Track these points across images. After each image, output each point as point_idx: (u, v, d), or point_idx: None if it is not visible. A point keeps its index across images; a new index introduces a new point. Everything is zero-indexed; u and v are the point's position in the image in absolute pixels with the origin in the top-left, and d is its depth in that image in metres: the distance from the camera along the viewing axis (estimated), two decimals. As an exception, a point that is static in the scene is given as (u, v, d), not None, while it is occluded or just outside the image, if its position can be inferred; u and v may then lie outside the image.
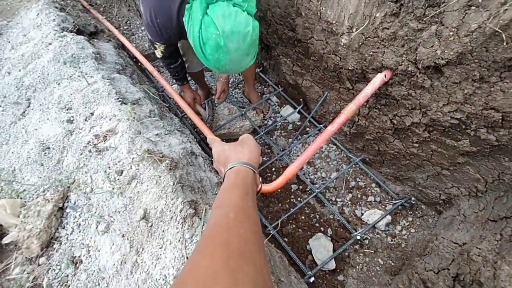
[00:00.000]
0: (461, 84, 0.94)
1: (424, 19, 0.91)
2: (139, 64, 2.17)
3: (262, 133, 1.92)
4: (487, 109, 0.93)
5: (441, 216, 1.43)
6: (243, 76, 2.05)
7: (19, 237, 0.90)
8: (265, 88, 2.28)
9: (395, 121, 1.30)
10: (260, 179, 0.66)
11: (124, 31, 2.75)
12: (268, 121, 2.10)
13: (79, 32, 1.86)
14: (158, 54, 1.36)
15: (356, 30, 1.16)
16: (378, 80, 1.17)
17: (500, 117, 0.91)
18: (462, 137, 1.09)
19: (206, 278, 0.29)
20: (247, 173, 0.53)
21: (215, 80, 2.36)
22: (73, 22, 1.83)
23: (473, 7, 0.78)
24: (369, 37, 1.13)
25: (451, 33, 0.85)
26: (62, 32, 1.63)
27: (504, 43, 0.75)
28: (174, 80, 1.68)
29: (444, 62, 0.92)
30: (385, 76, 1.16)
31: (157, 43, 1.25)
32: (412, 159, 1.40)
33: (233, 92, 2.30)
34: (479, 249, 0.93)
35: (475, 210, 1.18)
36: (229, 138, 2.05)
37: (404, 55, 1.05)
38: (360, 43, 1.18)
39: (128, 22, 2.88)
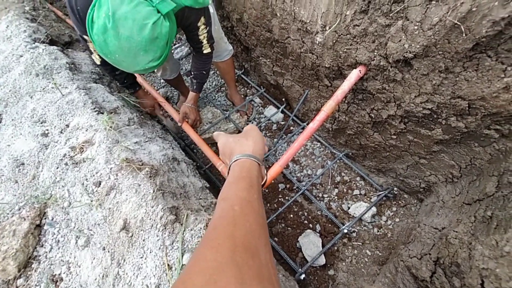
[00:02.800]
0: (429, 75, 0.98)
1: (391, 14, 0.95)
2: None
3: (246, 135, 1.92)
4: (454, 98, 0.97)
5: (423, 203, 1.48)
6: (224, 79, 2.05)
7: (-6, 259, 0.86)
8: (248, 90, 2.29)
9: (372, 115, 1.34)
10: (265, 171, 0.65)
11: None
12: (252, 122, 2.10)
13: (52, 42, 1.81)
14: (96, 59, 1.19)
15: (329, 28, 1.18)
16: (353, 76, 1.20)
17: (467, 105, 0.96)
18: (435, 126, 1.14)
19: (212, 271, 0.29)
20: (252, 165, 0.52)
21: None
22: (46, 32, 1.77)
23: (433, 1, 0.82)
24: (341, 34, 1.16)
25: (415, 27, 0.89)
26: (34, 43, 1.58)
27: (464, 35, 0.79)
28: (125, 89, 1.54)
29: (412, 55, 0.96)
30: (360, 72, 1.19)
31: (85, 36, 1.09)
32: (391, 150, 1.44)
33: (216, 95, 2.29)
34: (456, 232, 0.97)
35: (452, 195, 1.22)
36: (214, 142, 2.04)
37: (375, 51, 1.09)
38: (334, 41, 1.21)
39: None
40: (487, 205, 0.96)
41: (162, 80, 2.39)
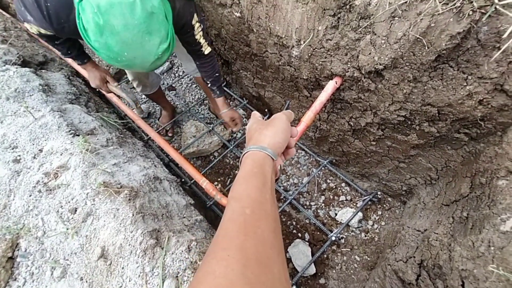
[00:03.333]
0: (400, 85, 1.03)
1: (359, 30, 0.99)
2: (97, 90, 2.09)
3: (231, 147, 1.92)
4: (424, 105, 1.02)
5: (406, 206, 1.52)
6: (205, 93, 2.06)
7: (-40, 299, 0.80)
8: (231, 102, 2.30)
9: (351, 123, 1.38)
10: (279, 167, 0.60)
11: (78, 57, 2.64)
12: (237, 134, 2.11)
13: (25, 63, 1.75)
14: (33, 31, 1.03)
15: (304, 42, 1.22)
16: (330, 87, 1.24)
17: (436, 111, 1.01)
18: (410, 132, 1.19)
19: None
20: (265, 160, 0.47)
21: (180, 99, 2.34)
22: (17, 53, 1.72)
23: (396, 18, 0.86)
24: (316, 48, 1.20)
25: (383, 41, 0.94)
26: (5, 65, 1.52)
27: (426, 48, 0.84)
28: (72, 60, 1.34)
29: (382, 67, 1.00)
30: (336, 83, 1.23)
31: (35, 26, 0.98)
32: (372, 156, 1.48)
33: (199, 108, 2.29)
34: (437, 233, 1.00)
35: (432, 197, 1.27)
36: (199, 155, 2.02)
37: (348, 63, 1.13)
38: (309, 54, 1.25)
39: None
40: (463, 206, 1.00)
41: (143, 96, 2.36)
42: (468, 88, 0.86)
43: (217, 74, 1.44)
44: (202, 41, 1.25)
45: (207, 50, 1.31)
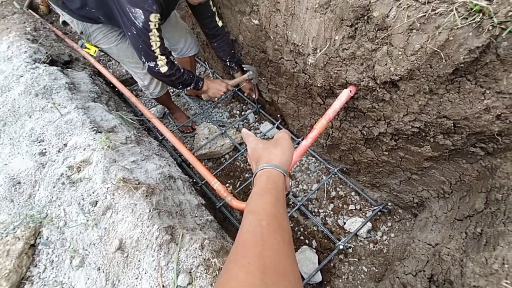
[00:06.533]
0: (415, 96, 1.03)
1: (376, 40, 1.01)
2: (116, 89, 2.18)
3: (243, 150, 1.95)
4: (440, 117, 1.02)
5: (417, 218, 1.49)
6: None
7: (-14, 281, 0.85)
8: (244, 106, 2.34)
9: (364, 132, 1.38)
10: (290, 182, 0.66)
11: (100, 57, 2.76)
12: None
13: (52, 62, 1.86)
14: (162, 65, 1.22)
15: (320, 51, 1.25)
16: (344, 95, 1.25)
17: (452, 124, 1.00)
18: (424, 144, 1.18)
19: None
20: (278, 177, 0.52)
21: (194, 101, 2.40)
22: (46, 53, 1.83)
23: (414, 30, 0.88)
24: (332, 57, 1.22)
25: (399, 53, 0.95)
26: (34, 63, 1.62)
27: (444, 61, 0.85)
28: (194, 84, 1.52)
29: (397, 77, 1.01)
30: (351, 92, 1.24)
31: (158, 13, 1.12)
32: (384, 166, 1.47)
33: (213, 111, 2.34)
34: (448, 248, 0.99)
35: (445, 210, 1.25)
36: (211, 157, 2.06)
37: (364, 72, 1.14)
38: (325, 63, 1.27)
39: (104, 48, 2.89)
40: (477, 222, 0.98)
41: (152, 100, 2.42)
42: (485, 102, 0.86)
43: (232, 50, 1.60)
44: (214, 10, 1.38)
45: (220, 21, 1.45)
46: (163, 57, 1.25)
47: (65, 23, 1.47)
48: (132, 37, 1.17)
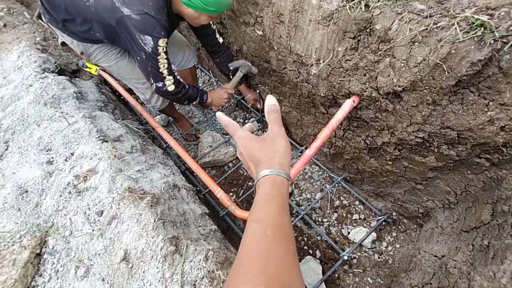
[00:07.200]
0: (418, 107, 1.04)
1: (379, 52, 1.02)
2: (122, 97, 2.21)
3: (246, 159, 1.95)
4: (444, 128, 1.02)
5: (422, 229, 1.48)
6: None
7: (-8, 290, 0.86)
8: (247, 114, 2.36)
9: (368, 141, 1.39)
10: (292, 185, 0.62)
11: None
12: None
13: (61, 71, 1.90)
14: (169, 84, 1.32)
15: (323, 62, 1.26)
16: (347, 105, 1.26)
17: (456, 135, 1.00)
18: (428, 154, 1.18)
19: None
20: (283, 183, 0.49)
21: (198, 109, 2.43)
22: (55, 62, 1.87)
23: (416, 43, 0.89)
24: (335, 67, 1.23)
25: (402, 64, 0.96)
26: (43, 73, 1.66)
27: (446, 73, 0.85)
28: (199, 99, 1.61)
29: (400, 88, 1.02)
30: (354, 102, 1.25)
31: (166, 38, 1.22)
32: (388, 175, 1.47)
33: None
34: (455, 261, 0.97)
35: (450, 221, 1.23)
36: (214, 165, 2.07)
37: (367, 83, 1.15)
38: (328, 73, 1.29)
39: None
40: (483, 233, 0.97)
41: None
42: (489, 114, 0.86)
43: None
44: (214, 27, 1.46)
45: (220, 38, 1.54)
46: (171, 77, 1.33)
47: (64, 43, 1.52)
48: (141, 62, 1.24)
